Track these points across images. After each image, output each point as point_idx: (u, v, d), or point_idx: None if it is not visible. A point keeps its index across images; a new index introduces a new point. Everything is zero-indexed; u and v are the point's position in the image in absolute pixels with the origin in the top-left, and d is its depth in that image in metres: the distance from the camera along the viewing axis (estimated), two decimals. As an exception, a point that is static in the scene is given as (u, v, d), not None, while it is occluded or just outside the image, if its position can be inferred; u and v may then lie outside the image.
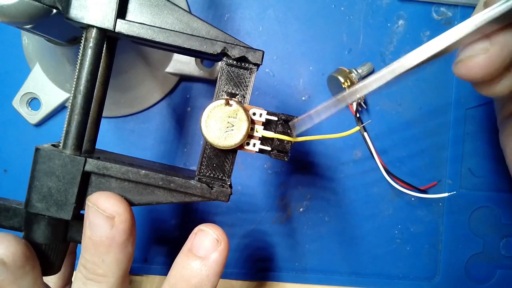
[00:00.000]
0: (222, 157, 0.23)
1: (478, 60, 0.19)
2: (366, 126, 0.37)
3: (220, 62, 0.23)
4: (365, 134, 0.36)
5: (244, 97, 0.23)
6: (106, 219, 0.21)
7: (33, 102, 0.35)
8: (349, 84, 0.34)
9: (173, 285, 0.22)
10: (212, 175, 0.23)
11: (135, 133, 0.37)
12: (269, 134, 0.22)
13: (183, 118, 0.37)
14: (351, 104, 0.36)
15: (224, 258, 0.22)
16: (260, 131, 0.22)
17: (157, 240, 0.37)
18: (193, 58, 0.34)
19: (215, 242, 0.22)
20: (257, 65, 0.22)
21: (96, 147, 0.26)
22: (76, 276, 0.22)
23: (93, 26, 0.21)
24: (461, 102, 0.38)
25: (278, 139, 0.22)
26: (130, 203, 0.22)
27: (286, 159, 0.23)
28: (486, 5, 0.19)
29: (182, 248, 0.22)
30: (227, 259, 0.22)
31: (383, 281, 0.38)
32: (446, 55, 0.18)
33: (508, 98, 0.28)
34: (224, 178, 0.23)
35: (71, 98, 0.22)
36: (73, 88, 0.22)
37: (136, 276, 0.37)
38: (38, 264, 0.22)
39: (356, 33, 0.37)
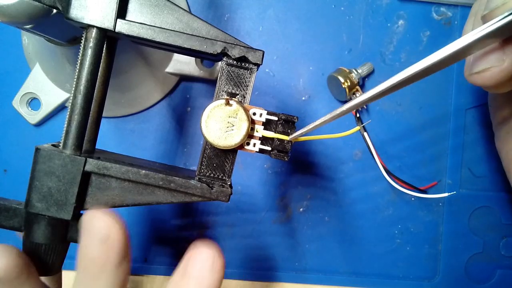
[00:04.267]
0: (222, 157, 0.23)
1: (494, 71, 0.21)
2: (366, 126, 0.37)
3: (220, 62, 0.23)
4: (365, 134, 0.36)
5: (244, 97, 0.23)
6: (99, 240, 0.20)
7: (33, 102, 0.35)
8: (349, 84, 0.34)
9: None
10: (212, 175, 0.23)
11: (135, 133, 0.37)
12: (269, 134, 0.22)
13: (183, 118, 0.37)
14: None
15: (219, 278, 0.21)
16: (260, 131, 0.22)
17: (157, 240, 0.37)
18: (193, 58, 0.34)
19: (210, 263, 0.21)
20: (257, 65, 0.22)
21: (96, 147, 0.26)
22: None
23: (93, 26, 0.22)
24: (461, 102, 0.38)
25: (278, 139, 0.22)
26: (130, 204, 0.22)
27: (286, 159, 0.23)
28: (485, 19, 0.20)
29: (177, 267, 0.22)
30: (222, 280, 0.21)
31: (383, 281, 0.38)
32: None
33: (501, 104, 0.29)
34: (224, 178, 0.23)
35: (71, 98, 0.22)
36: (73, 88, 0.22)
37: (136, 276, 0.37)
38: (34, 270, 0.21)
39: (356, 33, 0.37)
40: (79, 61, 0.22)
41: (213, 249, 0.21)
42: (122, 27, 0.22)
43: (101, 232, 0.20)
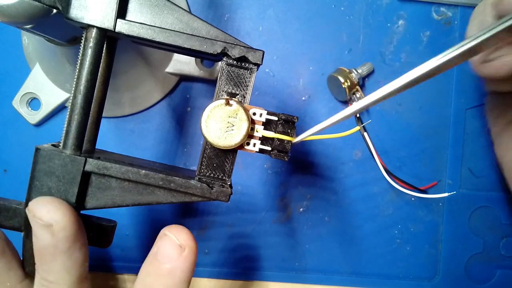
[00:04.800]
0: (222, 157, 0.23)
1: (506, 59, 0.21)
2: (366, 126, 0.37)
3: (220, 62, 0.23)
4: (365, 134, 0.36)
5: (244, 97, 0.23)
6: (43, 227, 0.20)
7: (33, 102, 0.35)
8: (349, 84, 0.34)
9: None
10: (212, 175, 0.23)
11: (135, 133, 0.37)
12: (269, 134, 0.22)
13: (183, 118, 0.37)
14: (351, 103, 0.36)
15: (189, 264, 0.21)
16: (260, 131, 0.22)
17: (157, 240, 0.37)
18: (193, 58, 0.34)
19: (178, 249, 0.21)
20: (257, 65, 0.22)
21: (96, 147, 0.26)
22: (35, 280, 0.22)
23: (93, 26, 0.22)
24: (461, 102, 0.38)
25: (278, 139, 0.22)
26: (130, 204, 0.22)
27: (286, 159, 0.23)
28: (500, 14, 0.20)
29: (149, 252, 0.22)
30: (195, 263, 0.21)
31: (383, 281, 0.38)
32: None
33: (506, 109, 0.28)
34: (224, 178, 0.23)
35: (71, 98, 0.22)
36: (73, 88, 0.22)
37: (136, 276, 0.37)
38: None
39: (356, 33, 0.37)
40: (79, 61, 0.22)
41: (182, 234, 0.21)
42: (122, 27, 0.22)
43: (43, 219, 0.20)
